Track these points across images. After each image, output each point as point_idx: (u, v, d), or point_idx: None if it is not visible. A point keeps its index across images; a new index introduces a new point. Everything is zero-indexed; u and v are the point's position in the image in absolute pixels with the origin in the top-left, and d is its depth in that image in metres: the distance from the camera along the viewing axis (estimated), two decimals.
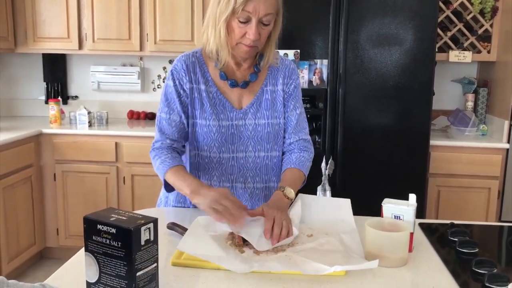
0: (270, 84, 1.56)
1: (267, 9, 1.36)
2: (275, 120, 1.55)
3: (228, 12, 1.35)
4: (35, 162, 3.29)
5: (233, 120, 1.51)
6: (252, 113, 1.52)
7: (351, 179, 2.94)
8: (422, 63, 2.84)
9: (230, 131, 1.51)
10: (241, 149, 1.53)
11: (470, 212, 3.07)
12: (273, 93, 1.55)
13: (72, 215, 3.39)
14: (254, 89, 1.54)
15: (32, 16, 3.51)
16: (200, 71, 1.50)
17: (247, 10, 1.34)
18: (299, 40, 2.87)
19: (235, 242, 1.21)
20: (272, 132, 1.55)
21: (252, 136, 1.53)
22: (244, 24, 1.37)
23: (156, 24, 3.44)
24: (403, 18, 2.81)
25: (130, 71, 3.78)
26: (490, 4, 3.12)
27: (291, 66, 1.61)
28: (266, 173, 1.58)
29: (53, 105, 3.46)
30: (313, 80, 2.88)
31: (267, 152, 1.56)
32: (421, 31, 2.81)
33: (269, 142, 1.55)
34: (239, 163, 1.54)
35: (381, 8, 2.81)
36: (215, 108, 1.50)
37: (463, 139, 3.11)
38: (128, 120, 3.78)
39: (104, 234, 0.95)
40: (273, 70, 1.57)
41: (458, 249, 1.27)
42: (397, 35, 2.82)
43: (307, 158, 1.58)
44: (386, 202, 1.25)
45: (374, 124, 2.91)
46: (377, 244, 1.14)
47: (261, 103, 1.54)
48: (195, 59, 1.51)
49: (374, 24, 2.82)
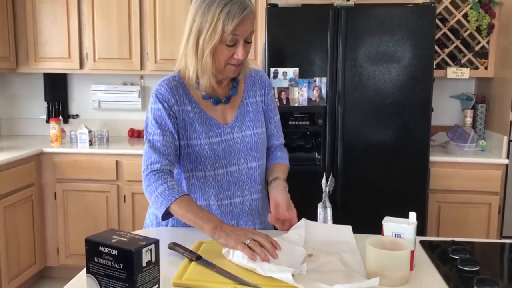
0: (249, 96, 1.61)
1: (251, 28, 1.41)
2: (260, 130, 1.60)
3: (215, 41, 1.37)
4: (36, 181, 3.29)
5: (222, 136, 1.53)
6: (238, 126, 1.55)
7: (351, 195, 2.94)
8: (420, 79, 2.86)
9: (221, 147, 1.52)
10: (234, 163, 1.55)
11: (471, 228, 3.06)
12: (254, 104, 1.60)
13: (72, 234, 3.38)
14: (235, 103, 1.58)
15: (33, 36, 3.55)
16: (183, 93, 1.51)
17: (236, 34, 1.37)
18: (298, 59, 2.90)
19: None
20: (259, 142, 1.59)
21: (241, 149, 1.55)
22: (231, 47, 1.40)
23: (157, 44, 3.47)
24: (401, 36, 2.84)
25: (130, 90, 3.81)
26: (486, 21, 3.16)
27: (264, 77, 1.67)
28: (260, 182, 1.62)
29: (54, 124, 3.47)
30: (312, 97, 2.90)
31: (258, 162, 1.59)
32: (419, 48, 2.84)
33: (258, 151, 1.58)
34: (233, 177, 1.56)
35: (379, 27, 2.84)
36: (203, 127, 1.51)
37: (463, 154, 3.12)
38: (128, 138, 3.80)
39: (105, 255, 0.95)
40: (249, 83, 1.62)
41: (459, 267, 1.27)
42: (395, 53, 2.85)
43: (287, 155, 1.72)
44: (387, 221, 1.25)
45: (373, 140, 2.92)
46: (378, 262, 1.14)
47: (244, 115, 1.57)
48: (176, 82, 1.52)
49: (372, 42, 2.86)
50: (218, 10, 1.35)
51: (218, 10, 1.35)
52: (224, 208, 1.55)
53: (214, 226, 1.31)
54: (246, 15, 1.36)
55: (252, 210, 1.60)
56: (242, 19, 1.35)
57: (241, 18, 1.35)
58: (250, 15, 1.39)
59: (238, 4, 1.35)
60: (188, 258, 1.27)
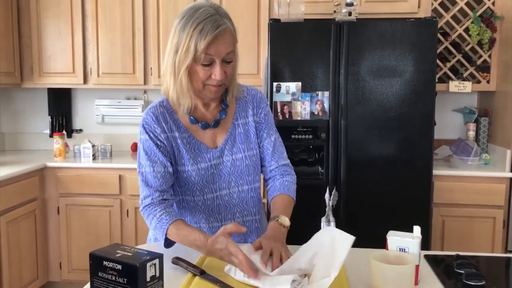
0: (240, 117, 1.55)
1: (228, 48, 1.35)
2: (252, 152, 1.54)
3: (189, 60, 1.33)
4: (39, 196, 3.29)
5: (211, 161, 1.49)
6: (228, 149, 1.51)
7: (354, 209, 2.93)
8: (422, 93, 2.87)
9: (210, 172, 1.49)
10: (224, 186, 1.52)
11: (476, 242, 3.05)
12: (245, 125, 1.55)
13: (75, 249, 3.37)
14: (225, 125, 1.53)
15: (38, 52, 3.58)
16: (171, 119, 1.48)
17: (209, 53, 1.33)
18: (300, 73, 2.91)
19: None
20: (251, 164, 1.54)
21: (232, 172, 1.52)
22: (208, 67, 1.36)
23: (160, 58, 3.50)
24: (403, 50, 2.86)
25: (134, 104, 3.83)
26: (487, 35, 3.18)
27: (258, 95, 1.60)
28: (253, 205, 1.58)
29: (58, 138, 3.49)
30: (315, 111, 2.91)
31: (250, 185, 1.55)
32: (421, 62, 2.85)
33: (249, 174, 1.54)
34: (224, 201, 1.53)
35: (381, 41, 2.86)
36: (191, 153, 1.48)
37: (466, 168, 3.11)
38: (131, 153, 3.81)
39: (110, 270, 0.95)
40: (241, 102, 1.56)
41: (464, 282, 1.26)
42: (397, 67, 2.87)
43: (291, 181, 1.58)
44: (391, 235, 1.25)
45: (376, 154, 2.92)
46: (382, 277, 1.14)
47: (235, 137, 1.53)
48: (163, 109, 1.48)
49: (374, 56, 2.87)
50: (192, 28, 1.32)
51: (191, 29, 1.32)
52: (215, 230, 1.52)
53: (205, 252, 1.31)
54: (219, 34, 1.32)
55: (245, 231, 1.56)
56: (214, 37, 1.31)
57: (213, 36, 1.31)
58: (225, 34, 1.34)
59: (211, 23, 1.32)
60: (191, 273, 1.27)
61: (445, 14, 3.27)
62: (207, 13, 1.33)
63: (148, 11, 3.49)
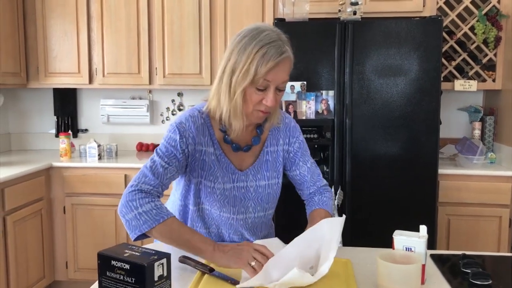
0: (270, 145, 1.54)
1: (285, 76, 1.35)
2: (275, 180, 1.54)
3: (246, 82, 1.31)
4: (45, 195, 3.31)
5: (235, 182, 1.49)
6: (253, 174, 1.51)
7: (360, 208, 2.93)
8: (428, 92, 2.87)
9: (233, 193, 1.49)
10: (242, 211, 1.51)
11: (481, 241, 3.04)
12: (274, 154, 1.54)
13: (81, 248, 3.39)
14: (255, 150, 1.52)
15: (44, 52, 3.60)
16: (208, 134, 1.45)
17: (267, 79, 1.32)
18: (305, 72, 2.91)
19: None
20: (271, 193, 1.54)
21: (253, 198, 1.52)
22: (261, 92, 1.34)
23: (165, 58, 3.51)
24: (408, 49, 2.85)
25: (139, 104, 3.84)
26: (493, 34, 3.17)
27: (292, 124, 1.60)
28: (261, 230, 1.60)
29: (64, 138, 3.50)
30: (320, 111, 2.91)
31: (265, 211, 1.56)
32: (426, 61, 2.85)
33: (268, 202, 1.55)
34: (238, 224, 1.53)
35: (386, 40, 2.86)
36: (220, 171, 1.47)
37: (472, 167, 3.10)
38: (137, 152, 3.82)
39: (118, 270, 0.96)
40: (274, 130, 1.55)
41: (471, 281, 1.26)
42: (402, 66, 2.86)
43: (329, 197, 1.59)
44: (397, 234, 1.25)
45: (382, 153, 2.92)
46: (389, 276, 1.14)
47: (262, 164, 1.52)
48: (203, 121, 1.45)
49: (379, 55, 2.87)
50: (254, 51, 1.30)
51: (254, 51, 1.30)
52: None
53: (212, 248, 1.30)
54: (281, 61, 1.31)
55: None
56: (276, 63, 1.30)
57: (275, 62, 1.30)
58: (286, 62, 1.34)
59: (276, 48, 1.30)
60: (200, 271, 1.27)
61: (450, 13, 3.26)
62: (271, 37, 1.32)
63: (153, 11, 3.49)
